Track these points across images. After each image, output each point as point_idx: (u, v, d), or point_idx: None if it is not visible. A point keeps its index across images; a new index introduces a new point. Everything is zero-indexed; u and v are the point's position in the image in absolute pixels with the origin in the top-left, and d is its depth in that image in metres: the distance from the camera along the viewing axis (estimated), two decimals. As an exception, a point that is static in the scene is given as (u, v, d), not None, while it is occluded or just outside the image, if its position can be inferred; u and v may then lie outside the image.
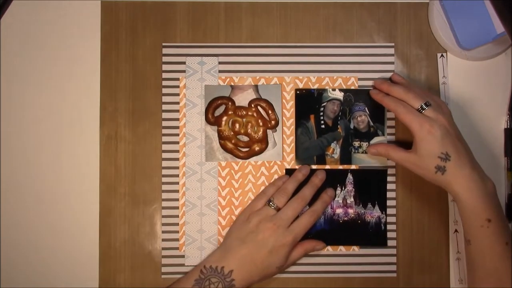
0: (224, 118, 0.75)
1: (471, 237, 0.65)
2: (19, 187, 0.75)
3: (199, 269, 0.69)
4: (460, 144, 0.66)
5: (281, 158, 0.75)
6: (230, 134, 0.75)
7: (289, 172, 0.75)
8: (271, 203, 0.71)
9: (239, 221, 0.72)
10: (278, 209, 0.71)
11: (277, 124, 0.75)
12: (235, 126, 0.75)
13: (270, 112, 0.75)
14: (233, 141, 0.75)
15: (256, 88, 0.76)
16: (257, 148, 0.75)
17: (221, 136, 0.75)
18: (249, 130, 0.75)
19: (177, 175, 0.75)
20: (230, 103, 0.75)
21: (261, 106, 0.75)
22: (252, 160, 0.75)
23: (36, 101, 0.76)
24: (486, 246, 0.64)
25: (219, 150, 0.75)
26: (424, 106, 0.67)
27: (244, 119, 0.75)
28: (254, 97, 0.76)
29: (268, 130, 0.75)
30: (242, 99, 0.76)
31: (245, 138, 0.75)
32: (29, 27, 0.76)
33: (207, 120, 0.75)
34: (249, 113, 0.75)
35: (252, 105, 0.75)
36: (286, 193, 0.72)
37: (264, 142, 0.75)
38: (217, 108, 0.75)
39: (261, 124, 0.75)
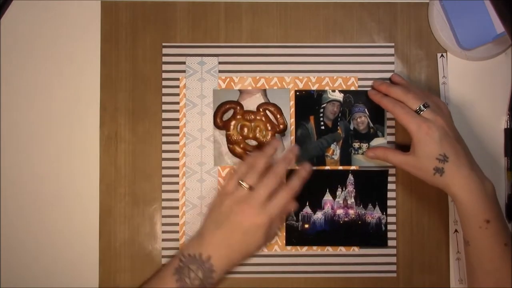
0: (233, 123, 0.75)
1: (470, 238, 0.65)
2: (19, 187, 0.75)
3: (178, 258, 0.67)
4: (459, 145, 0.66)
5: (281, 158, 0.75)
6: (238, 138, 0.75)
7: (290, 173, 0.75)
8: (242, 183, 0.68)
9: (212, 206, 0.70)
10: (251, 189, 0.67)
11: (285, 128, 0.75)
12: (244, 130, 0.75)
13: (278, 116, 0.75)
14: (241, 146, 0.75)
15: (264, 92, 0.75)
16: None
17: (229, 141, 0.75)
18: (257, 135, 0.75)
19: (177, 175, 0.75)
20: (238, 108, 0.75)
21: (270, 110, 0.75)
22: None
23: (36, 101, 0.76)
24: (485, 247, 0.64)
25: (228, 155, 0.75)
26: (422, 108, 0.66)
27: (252, 124, 0.75)
28: (263, 101, 0.75)
29: (276, 134, 0.75)
30: (251, 103, 0.75)
31: (254, 143, 0.75)
32: (29, 27, 0.76)
33: (216, 125, 0.75)
34: (258, 118, 0.75)
35: (261, 109, 0.75)
36: (257, 170, 0.68)
37: None
38: (225, 112, 0.75)
39: (269, 128, 0.75)
